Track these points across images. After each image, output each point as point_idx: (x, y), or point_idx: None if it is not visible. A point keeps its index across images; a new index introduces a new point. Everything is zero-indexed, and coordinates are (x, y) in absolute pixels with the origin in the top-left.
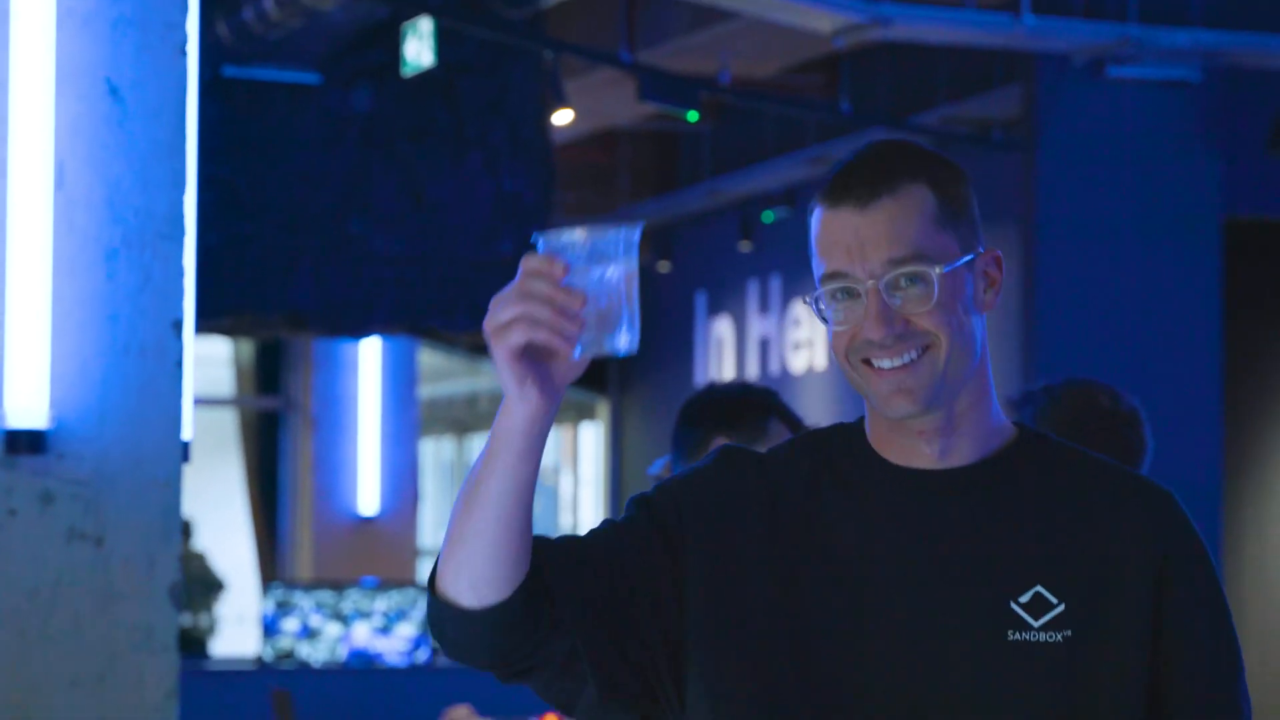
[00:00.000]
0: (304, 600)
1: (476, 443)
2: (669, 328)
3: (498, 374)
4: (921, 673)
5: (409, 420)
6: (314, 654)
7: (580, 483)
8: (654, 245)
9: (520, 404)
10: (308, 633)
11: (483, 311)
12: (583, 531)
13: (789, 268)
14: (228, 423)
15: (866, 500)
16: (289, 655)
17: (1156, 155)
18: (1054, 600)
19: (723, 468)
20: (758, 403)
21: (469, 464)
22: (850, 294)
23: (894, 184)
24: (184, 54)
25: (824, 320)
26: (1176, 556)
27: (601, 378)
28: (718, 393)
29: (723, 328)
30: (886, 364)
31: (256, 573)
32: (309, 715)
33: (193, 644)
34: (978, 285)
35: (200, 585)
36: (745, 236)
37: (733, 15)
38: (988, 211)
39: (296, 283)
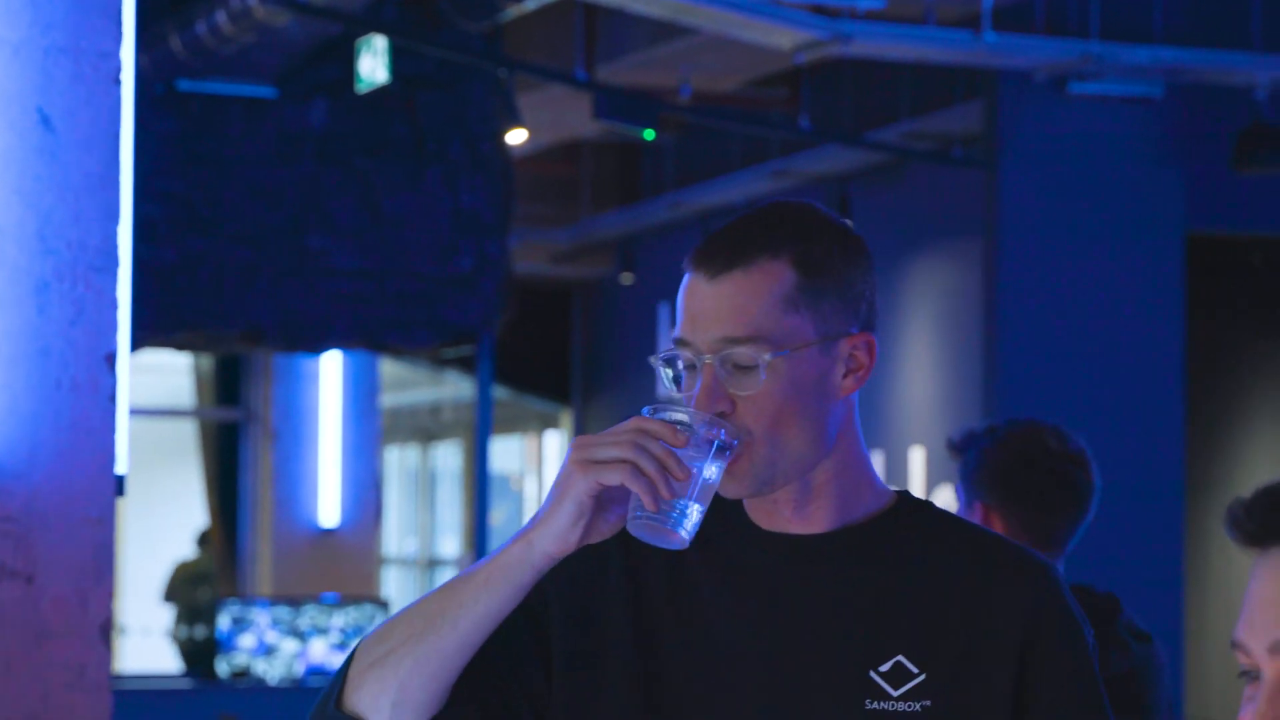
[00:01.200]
0: (260, 616)
1: (441, 451)
2: (631, 339)
3: (556, 505)
4: None
5: (371, 431)
6: (270, 671)
7: (544, 487)
8: (617, 257)
9: (555, 541)
10: (265, 650)
11: (442, 326)
12: None
13: None
14: (187, 434)
15: (730, 564)
16: (245, 673)
17: (1118, 171)
18: (915, 670)
19: (585, 558)
20: None
21: (433, 473)
22: (690, 365)
23: (750, 258)
24: (118, 83)
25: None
26: (1046, 633)
27: (565, 389)
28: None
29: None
30: None
31: (216, 584)
32: None
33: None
34: (835, 370)
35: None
36: None
37: (694, 30)
38: (950, 228)
39: (253, 298)
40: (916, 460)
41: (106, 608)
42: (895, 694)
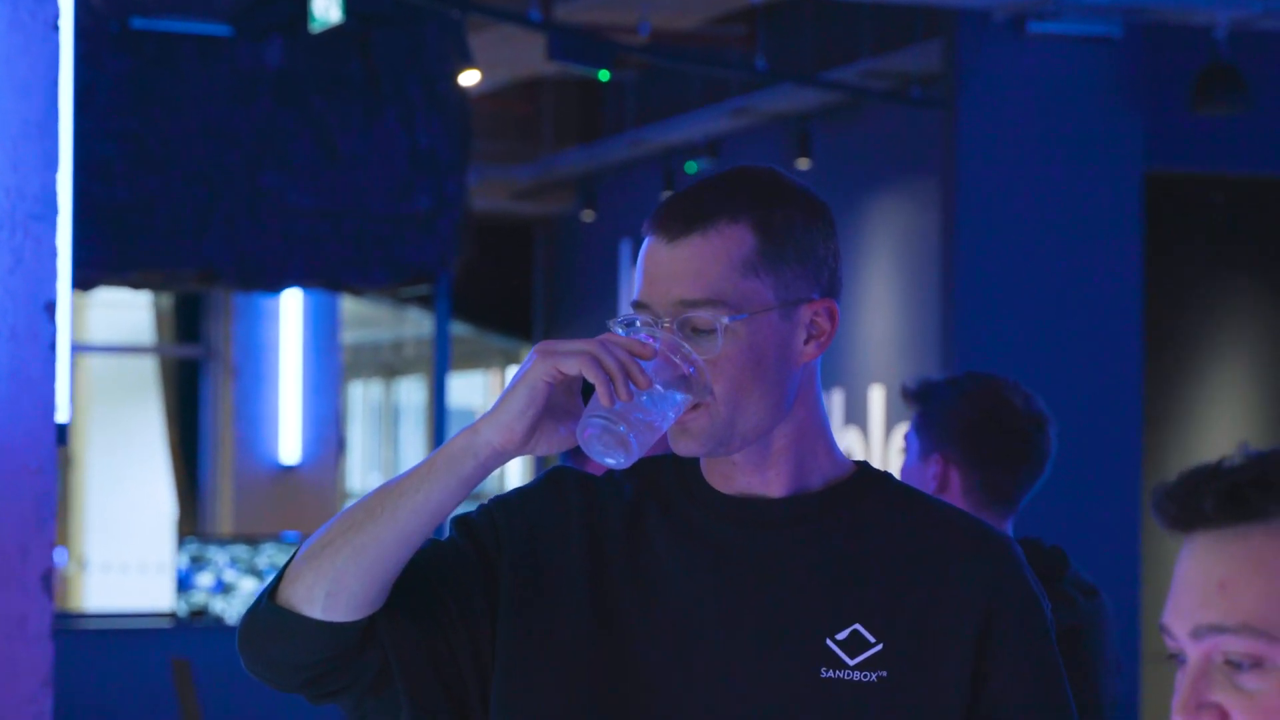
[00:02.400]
0: (219, 555)
1: (405, 386)
2: (592, 276)
3: (509, 394)
4: (732, 706)
5: (332, 367)
6: (228, 609)
7: None
8: (578, 194)
9: (501, 431)
10: (222, 588)
11: (399, 265)
12: None
13: None
14: (148, 371)
15: (688, 526)
16: (203, 611)
17: (1077, 110)
18: (872, 640)
19: (548, 491)
20: None
21: (397, 408)
22: (648, 327)
23: (709, 222)
24: (56, 29)
25: None
26: (1005, 608)
27: (527, 325)
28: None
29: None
30: None
31: (177, 520)
32: (213, 678)
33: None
34: (795, 335)
35: None
36: (668, 187)
37: None
38: (909, 166)
39: (209, 238)
40: (876, 399)
41: (47, 557)
42: (852, 663)
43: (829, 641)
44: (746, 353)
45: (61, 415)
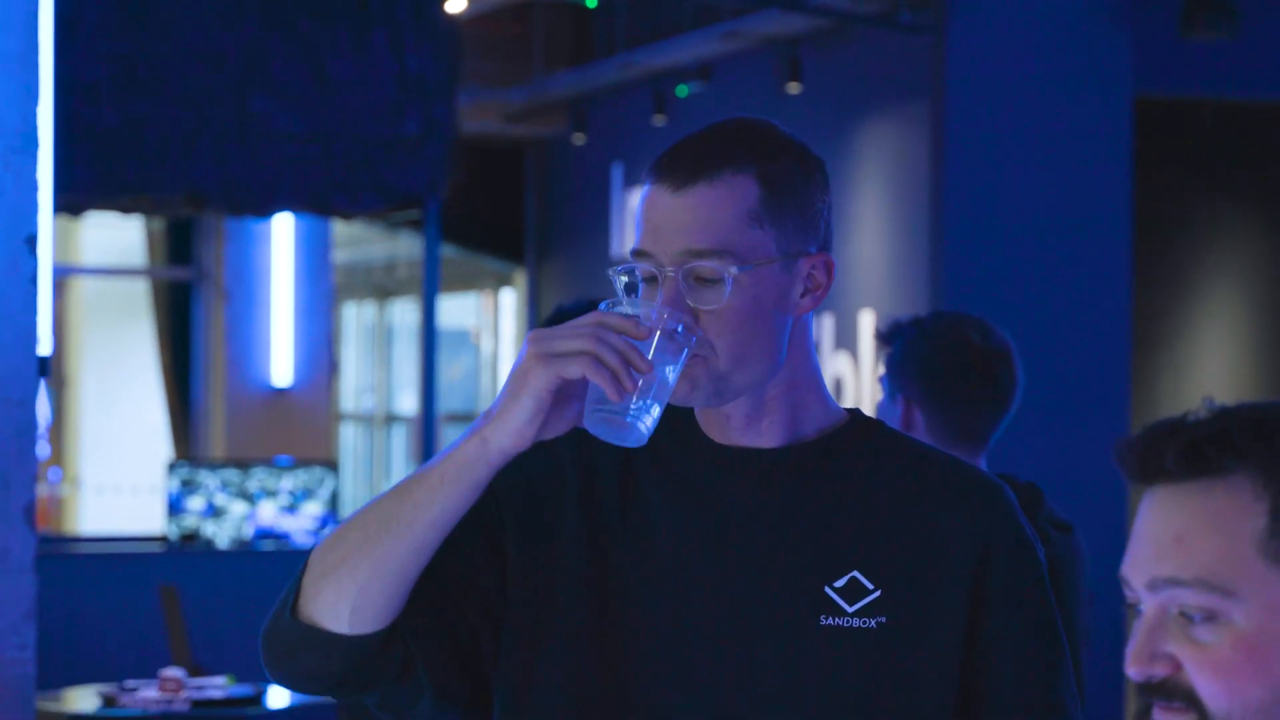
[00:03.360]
0: (209, 479)
1: (398, 307)
2: (585, 200)
3: (513, 399)
4: (731, 655)
5: (323, 289)
6: (219, 533)
7: (500, 340)
8: (569, 116)
9: (512, 437)
10: (213, 511)
11: (388, 190)
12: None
13: None
14: (139, 293)
15: (682, 477)
16: (194, 535)
17: (1067, 35)
18: (870, 586)
19: (540, 449)
20: None
21: (390, 329)
22: (650, 276)
23: (716, 171)
24: None
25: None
26: (1000, 553)
27: (518, 247)
28: (568, 315)
29: (638, 200)
30: None
31: (170, 443)
32: (201, 602)
33: None
34: (793, 288)
35: None
36: (659, 111)
37: None
38: (899, 91)
39: (197, 162)
40: (866, 323)
41: (29, 490)
42: (850, 610)
43: (827, 589)
44: (750, 304)
45: (43, 348)
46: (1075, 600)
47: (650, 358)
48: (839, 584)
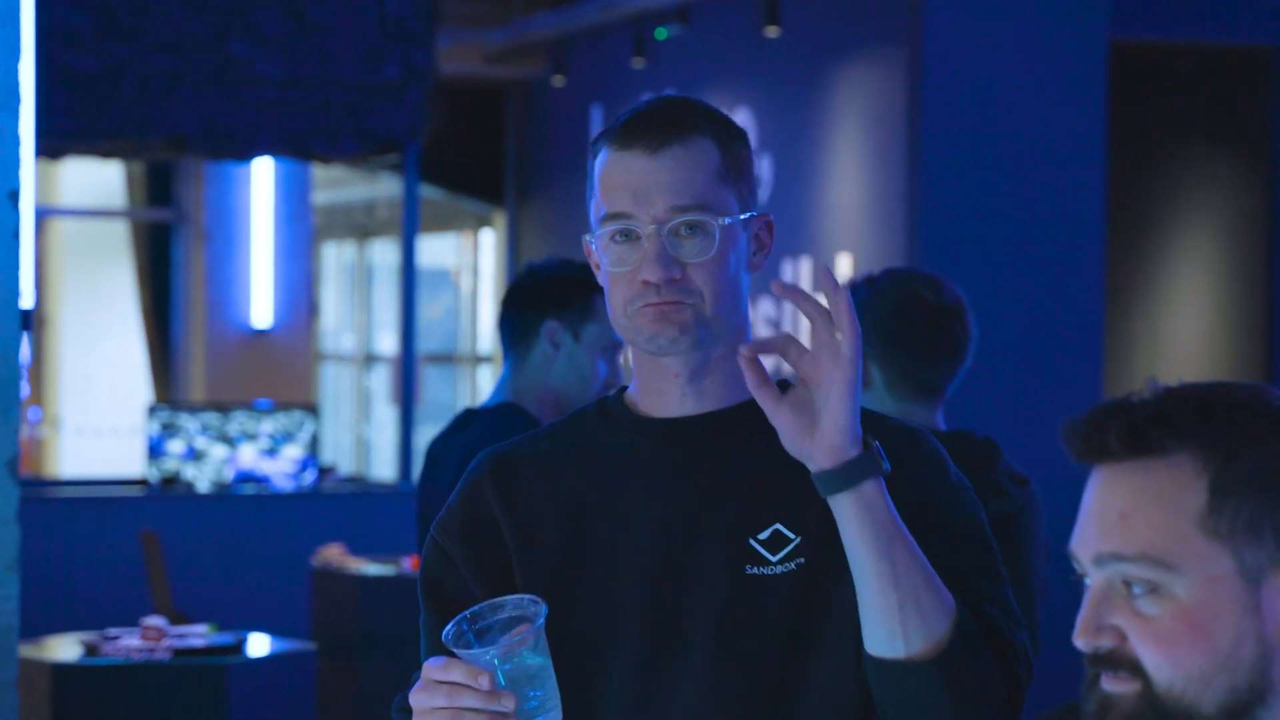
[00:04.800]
0: (189, 422)
1: (378, 248)
2: (564, 142)
3: None
4: (667, 612)
5: (303, 231)
6: (199, 477)
7: (480, 278)
8: (549, 58)
9: None
10: (193, 455)
11: (368, 135)
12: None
13: (682, 85)
14: (119, 235)
15: (614, 455)
16: (174, 478)
17: None
18: (791, 535)
19: (469, 496)
20: (581, 280)
21: (370, 269)
22: (630, 236)
23: (684, 134)
24: None
25: (597, 265)
26: (919, 492)
27: (498, 189)
28: (541, 275)
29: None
30: (655, 299)
31: (150, 385)
32: (181, 546)
33: None
34: (750, 246)
35: None
36: (638, 53)
37: None
38: (874, 36)
39: (177, 106)
40: (843, 265)
41: (13, 444)
42: (774, 559)
43: (752, 541)
44: (730, 255)
45: (25, 301)
46: (1032, 552)
47: (508, 683)
48: (763, 536)
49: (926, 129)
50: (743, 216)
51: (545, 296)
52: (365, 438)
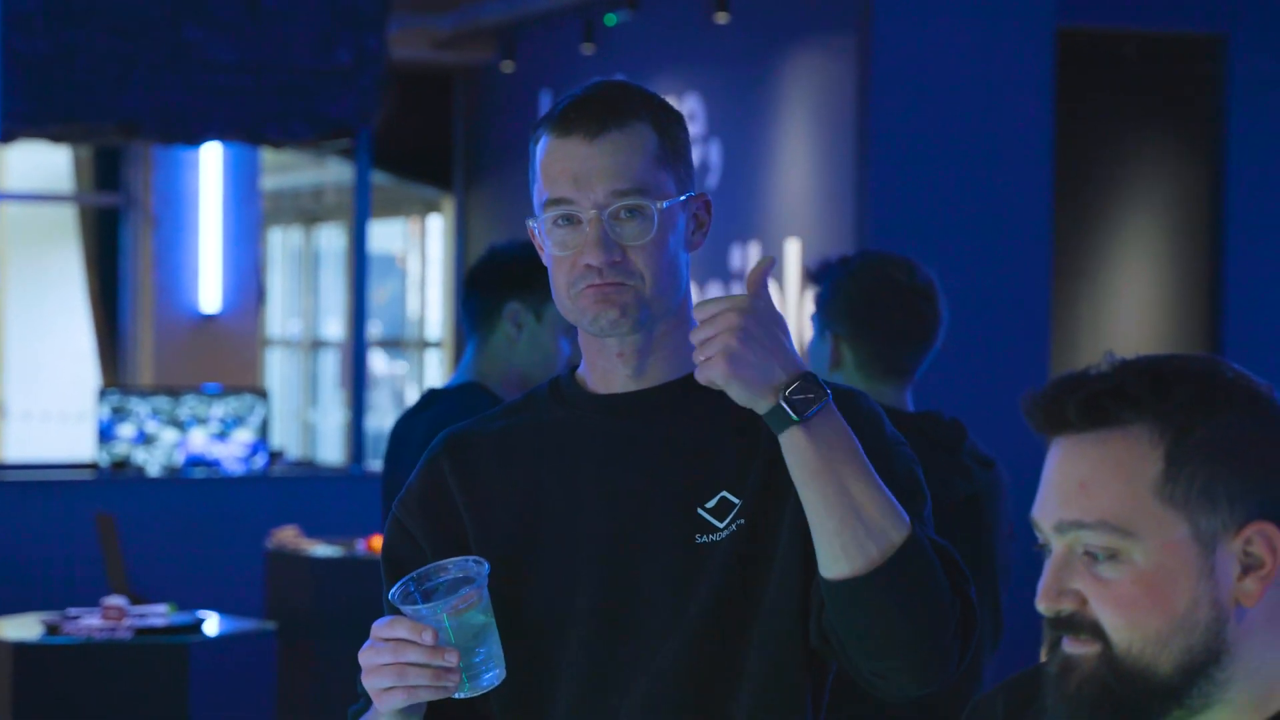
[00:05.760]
0: (140, 406)
1: (325, 233)
2: (512, 127)
3: (377, 707)
4: (621, 583)
5: (252, 216)
6: (150, 461)
7: (427, 263)
8: (498, 44)
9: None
10: (144, 439)
11: (319, 119)
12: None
13: (631, 71)
14: (67, 219)
15: (564, 432)
16: (124, 462)
17: None
18: (735, 500)
19: (427, 477)
20: (542, 262)
21: (317, 254)
22: (572, 221)
23: (622, 120)
24: None
25: (541, 248)
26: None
27: (446, 174)
28: (503, 257)
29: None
30: (597, 281)
31: (98, 370)
32: (135, 529)
33: None
34: (689, 225)
35: None
36: (587, 39)
37: None
38: (824, 22)
39: (130, 91)
40: (792, 250)
41: None
42: (721, 525)
43: (700, 510)
44: (669, 236)
45: None
46: (996, 533)
47: (454, 640)
48: (710, 505)
49: (875, 115)
50: (681, 198)
51: (507, 278)
52: (312, 423)
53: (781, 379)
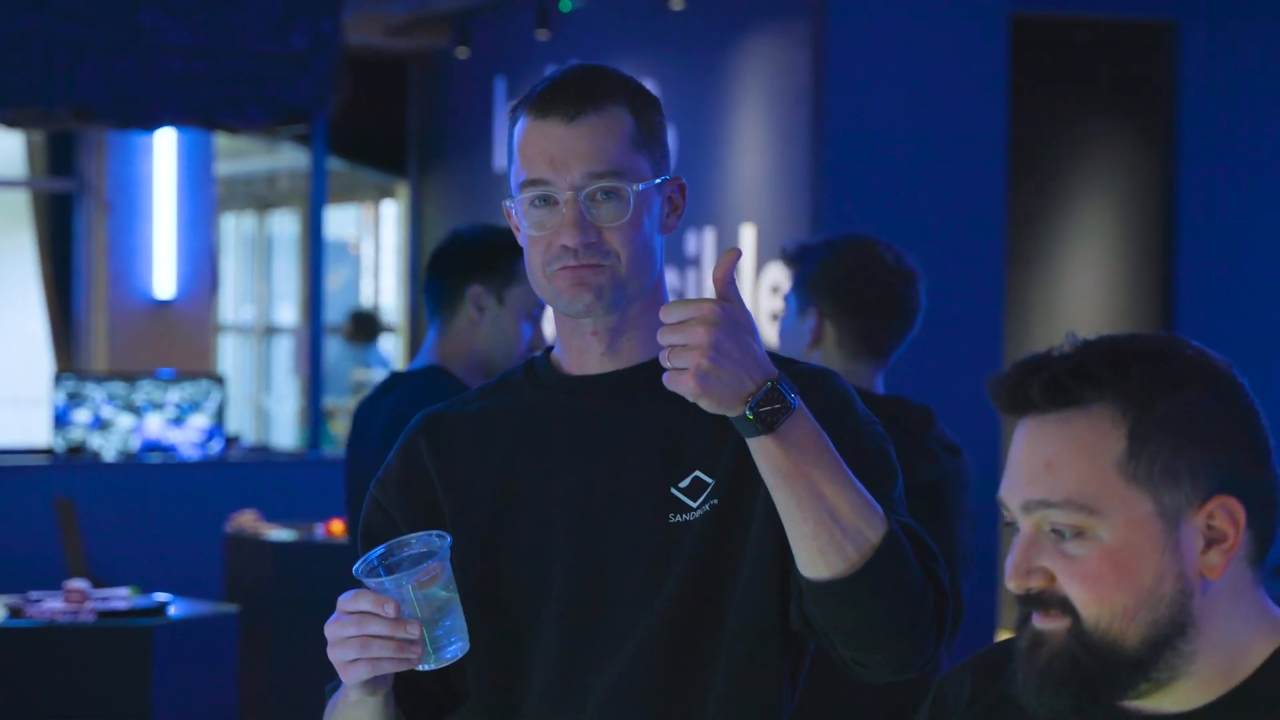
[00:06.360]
0: (96, 392)
1: (277, 219)
2: (468, 113)
3: (344, 678)
4: (595, 564)
5: (206, 201)
6: (106, 446)
7: (381, 249)
8: (452, 30)
9: (372, 698)
10: (99, 424)
11: (275, 104)
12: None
13: (586, 57)
14: (19, 204)
15: (539, 413)
16: (80, 448)
17: None
18: (708, 480)
19: (405, 457)
20: (504, 245)
21: (270, 240)
22: (548, 202)
23: (599, 103)
24: None
25: (517, 228)
26: (829, 427)
27: (400, 161)
28: (464, 241)
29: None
30: (573, 263)
31: (52, 356)
32: (92, 514)
33: None
34: (664, 208)
35: None
36: (542, 25)
37: None
38: (778, 9)
39: (84, 76)
40: (747, 237)
41: None
42: (694, 505)
43: (673, 490)
44: (644, 218)
45: None
46: (959, 519)
47: (418, 613)
48: (683, 484)
49: (830, 101)
50: (656, 181)
51: (469, 262)
52: (265, 408)
53: (750, 388)
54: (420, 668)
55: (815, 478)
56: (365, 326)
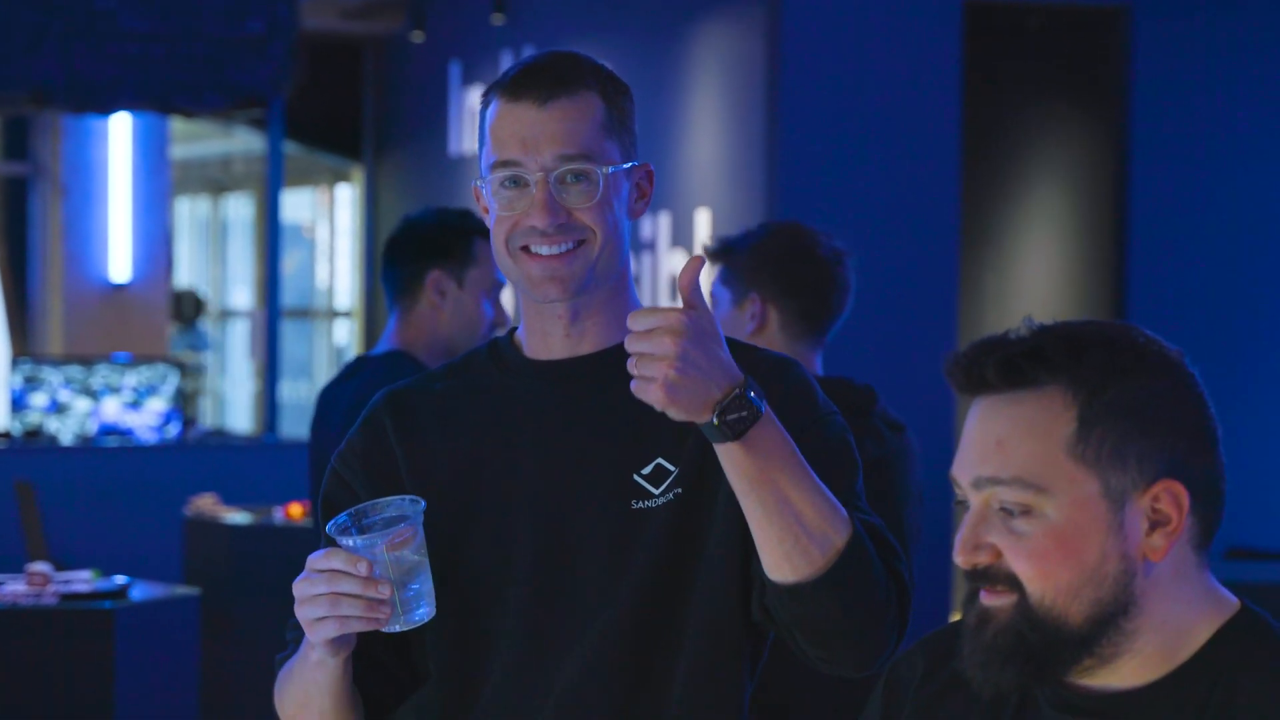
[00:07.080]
0: (53, 375)
1: (232, 202)
2: (423, 97)
3: (309, 639)
4: (557, 548)
5: (161, 185)
6: (63, 429)
7: (336, 233)
8: (407, 14)
9: (334, 659)
10: (56, 408)
11: (231, 89)
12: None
13: (540, 41)
14: None
15: (502, 397)
16: (37, 431)
17: None
18: (671, 468)
19: (368, 431)
20: (459, 227)
21: (225, 224)
22: (518, 183)
23: (571, 88)
24: None
25: (487, 209)
26: (790, 418)
27: (356, 144)
28: (420, 227)
29: (476, 98)
30: (545, 250)
31: (7, 339)
32: (51, 497)
33: None
34: (633, 194)
35: None
36: (498, 9)
37: None
38: None
39: (41, 60)
40: (702, 221)
41: None
42: (657, 492)
43: (636, 477)
44: (613, 201)
45: None
46: (905, 496)
47: (389, 574)
48: (645, 471)
49: (784, 86)
50: (625, 166)
51: (426, 247)
52: (220, 392)
53: (717, 396)
54: (387, 629)
55: (781, 483)
56: (186, 307)
